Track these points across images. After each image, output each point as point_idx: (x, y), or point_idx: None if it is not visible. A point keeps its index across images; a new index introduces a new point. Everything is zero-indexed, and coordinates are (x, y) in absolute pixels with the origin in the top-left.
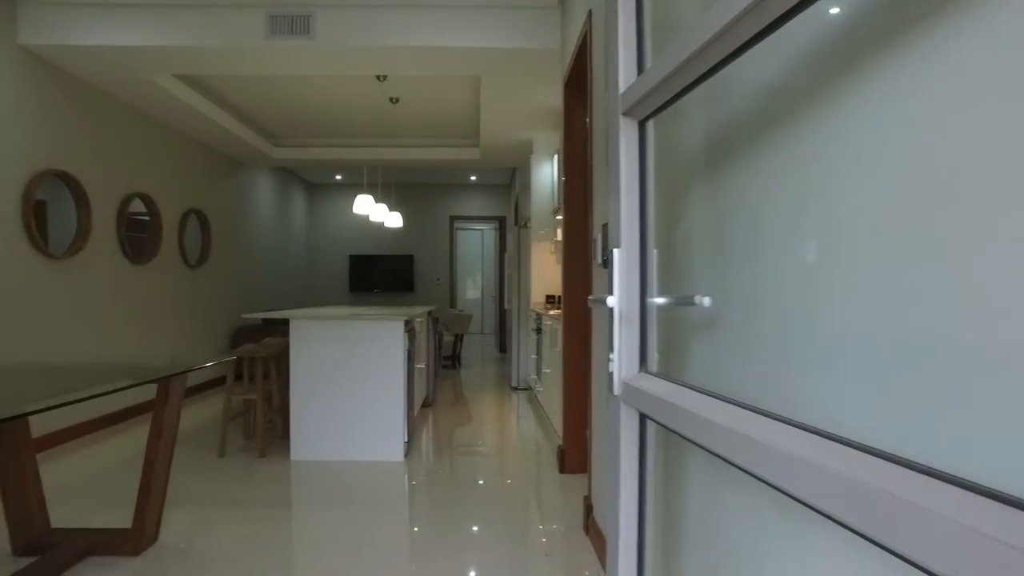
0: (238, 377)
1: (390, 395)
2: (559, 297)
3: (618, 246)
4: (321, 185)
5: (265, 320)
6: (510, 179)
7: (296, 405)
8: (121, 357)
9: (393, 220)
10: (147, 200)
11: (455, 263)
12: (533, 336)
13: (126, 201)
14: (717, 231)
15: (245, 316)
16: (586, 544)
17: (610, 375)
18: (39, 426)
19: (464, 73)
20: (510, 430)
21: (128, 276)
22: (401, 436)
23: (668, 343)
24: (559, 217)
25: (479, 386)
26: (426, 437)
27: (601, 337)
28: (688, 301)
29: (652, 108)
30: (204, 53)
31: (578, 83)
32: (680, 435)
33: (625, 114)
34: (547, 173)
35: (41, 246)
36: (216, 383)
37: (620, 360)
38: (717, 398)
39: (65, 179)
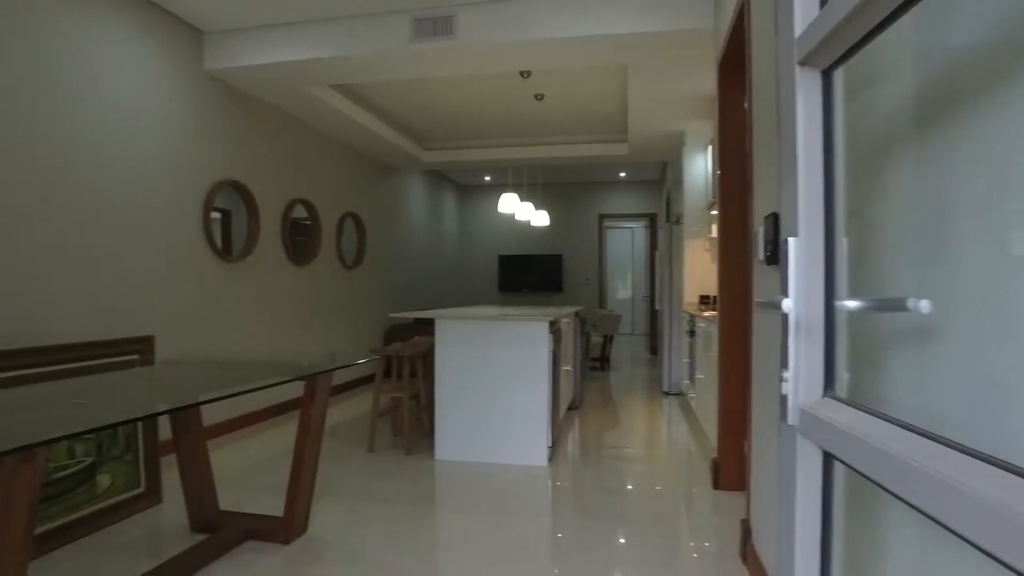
0: (387, 375)
1: (534, 397)
2: (714, 298)
3: (794, 235)
4: (471, 186)
5: (417, 319)
6: (661, 174)
7: (441, 404)
8: (284, 352)
9: (539, 219)
10: (308, 205)
11: (604, 262)
12: (686, 339)
13: (290, 207)
14: (933, 213)
15: (393, 316)
16: (742, 572)
17: (782, 398)
18: (208, 416)
19: (610, 62)
20: (660, 438)
21: (291, 276)
22: (545, 440)
23: (855, 359)
24: (714, 212)
25: (628, 390)
26: (571, 441)
27: (765, 346)
28: (897, 305)
29: (841, 50)
30: (355, 61)
31: (734, 62)
32: (891, 492)
33: (803, 63)
34: (700, 166)
35: (218, 249)
36: (368, 380)
37: (797, 380)
38: (951, 446)
39: (238, 188)
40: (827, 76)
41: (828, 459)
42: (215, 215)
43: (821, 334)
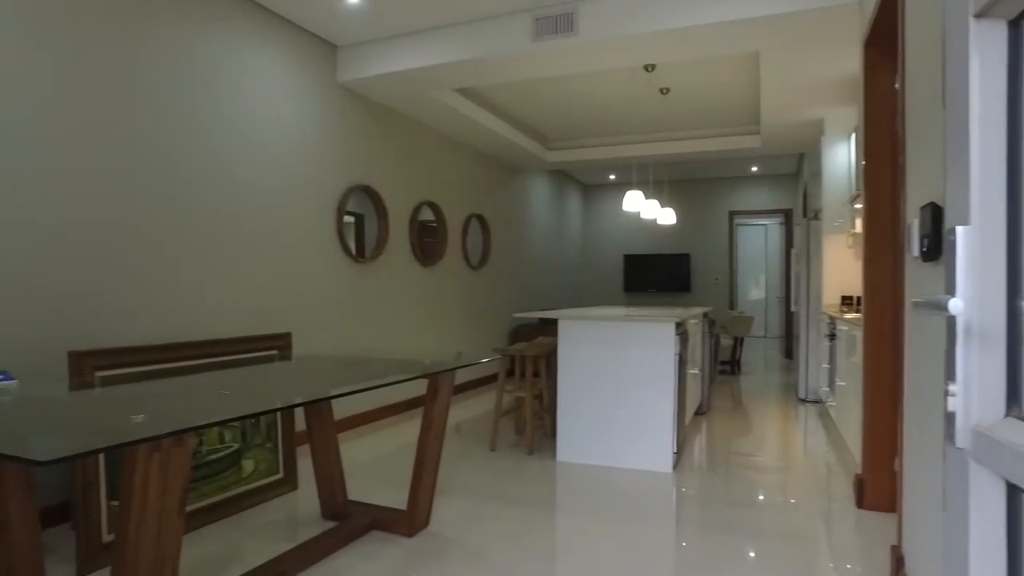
0: (510, 374)
1: (659, 401)
2: (857, 298)
3: (964, 222)
4: (596, 186)
5: (541, 319)
6: (797, 167)
7: (563, 406)
8: (411, 350)
9: (665, 217)
10: (434, 207)
11: (735, 261)
12: (825, 342)
13: (417, 209)
14: None
15: (516, 316)
16: None
17: (948, 415)
18: (339, 410)
19: (741, 50)
20: (795, 448)
21: (418, 277)
22: (670, 446)
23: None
24: (858, 205)
25: (760, 395)
26: (698, 448)
27: (923, 353)
28: None
29: None
30: (478, 64)
31: (884, 37)
32: None
33: (981, 15)
34: (841, 155)
35: (350, 251)
36: (492, 379)
37: (968, 395)
38: None
39: (368, 192)
40: (1015, 27)
41: (1014, 492)
42: (348, 219)
43: (1002, 340)
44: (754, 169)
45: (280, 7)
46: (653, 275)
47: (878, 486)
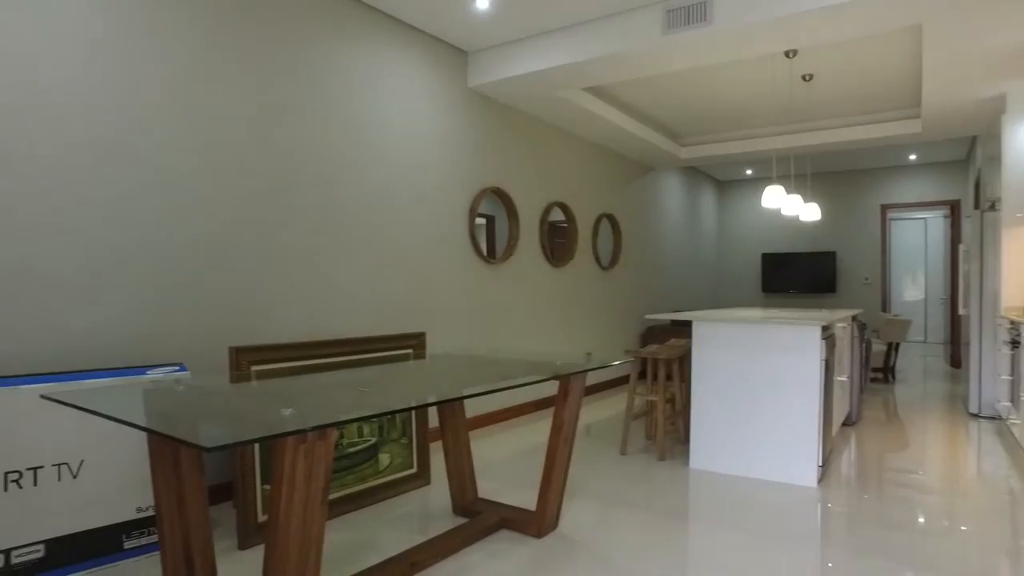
0: (642, 376)
1: (802, 410)
2: None
3: None
4: (731, 182)
5: (674, 321)
6: (967, 152)
7: (697, 411)
8: (542, 350)
9: (809, 212)
10: (564, 208)
11: (888, 260)
12: (1004, 350)
13: (547, 210)
14: None
15: (648, 317)
16: None
17: None
18: (471, 409)
19: (899, 24)
20: (966, 468)
21: (549, 277)
22: (815, 458)
23: None
24: None
25: (920, 407)
26: (847, 462)
27: None
28: None
29: None
30: (607, 61)
31: None
32: None
33: None
34: None
35: (482, 252)
36: (624, 380)
37: None
38: None
39: (499, 194)
40: None
41: None
42: (480, 220)
43: None
44: (912, 157)
45: (414, 19)
46: (794, 275)
47: None
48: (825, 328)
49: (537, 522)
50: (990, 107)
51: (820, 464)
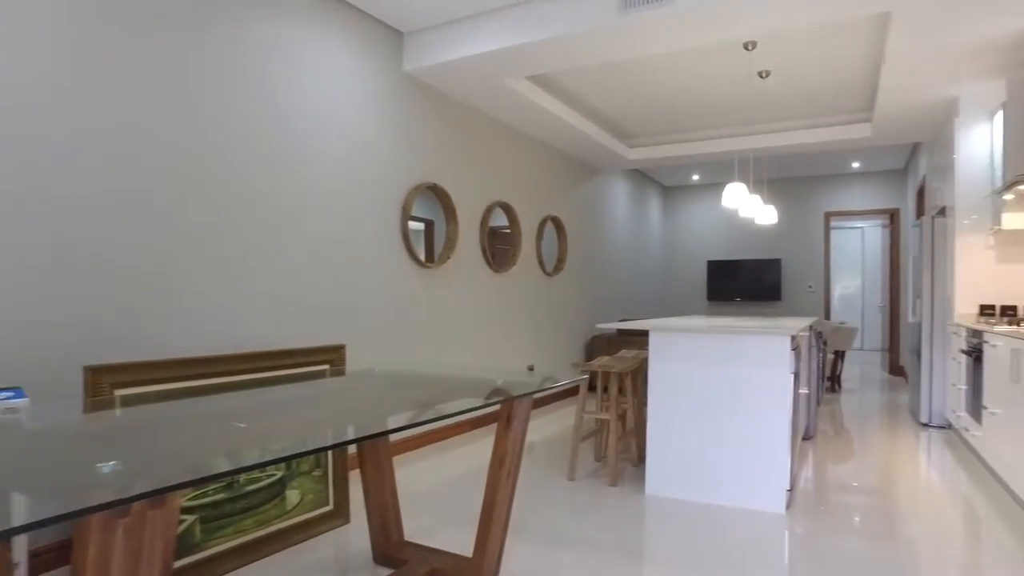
0: (591, 388)
1: (770, 429)
2: (1005, 307)
3: None
4: (677, 187)
5: (620, 330)
6: (906, 162)
7: (654, 430)
8: (481, 361)
9: (766, 215)
10: (507, 208)
11: (830, 267)
12: (961, 359)
13: (488, 210)
14: None
15: (599, 326)
16: None
17: None
18: (396, 431)
19: (869, 10)
20: (932, 486)
21: (489, 283)
22: (784, 481)
23: None
24: (1007, 197)
25: (868, 417)
26: (813, 483)
27: None
28: None
29: None
30: (558, 44)
31: None
32: None
33: None
34: (981, 140)
35: (415, 254)
36: (569, 393)
37: None
38: None
39: (436, 192)
40: None
41: None
42: (418, 225)
43: None
44: (855, 165)
45: None
46: (740, 282)
47: None
48: (792, 338)
49: (475, 572)
50: (942, 110)
51: (788, 488)
